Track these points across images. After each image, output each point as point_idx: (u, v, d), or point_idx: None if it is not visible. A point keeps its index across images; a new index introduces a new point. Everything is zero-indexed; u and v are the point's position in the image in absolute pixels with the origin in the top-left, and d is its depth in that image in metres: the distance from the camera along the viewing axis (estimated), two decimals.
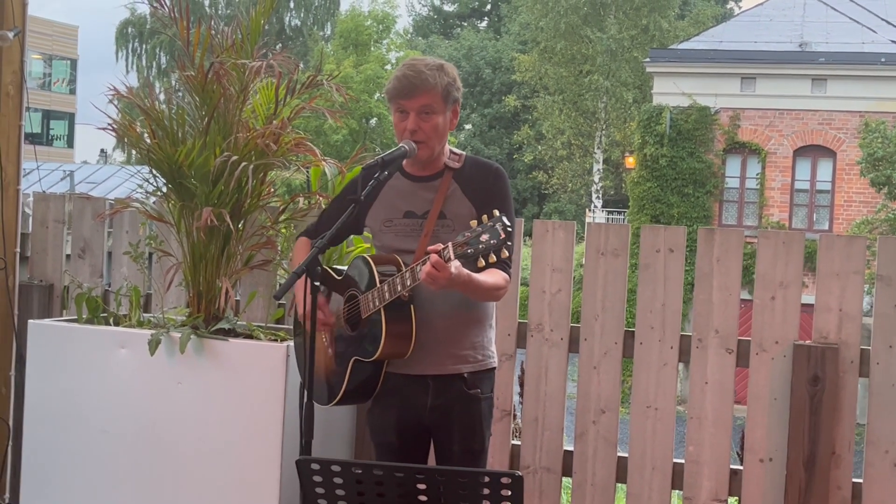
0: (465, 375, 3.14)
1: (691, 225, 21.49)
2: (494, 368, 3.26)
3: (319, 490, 2.47)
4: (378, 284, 3.02)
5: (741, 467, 3.79)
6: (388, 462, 2.98)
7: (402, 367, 3.12)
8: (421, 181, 3.19)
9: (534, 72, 33.34)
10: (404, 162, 3.18)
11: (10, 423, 4.35)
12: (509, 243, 2.73)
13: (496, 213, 2.73)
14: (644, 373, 3.86)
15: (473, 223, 2.75)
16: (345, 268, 3.29)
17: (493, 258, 2.71)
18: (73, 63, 46.83)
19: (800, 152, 21.92)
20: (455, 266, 2.79)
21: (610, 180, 34.61)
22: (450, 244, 2.76)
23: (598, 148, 32.55)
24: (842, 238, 3.72)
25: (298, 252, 3.37)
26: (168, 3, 3.81)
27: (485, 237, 2.70)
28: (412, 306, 3.04)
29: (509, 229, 2.71)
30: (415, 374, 3.12)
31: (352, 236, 3.62)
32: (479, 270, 2.87)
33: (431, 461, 3.31)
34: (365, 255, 3.20)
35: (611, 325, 3.90)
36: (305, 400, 2.89)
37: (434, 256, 2.78)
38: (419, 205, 3.15)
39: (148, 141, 3.70)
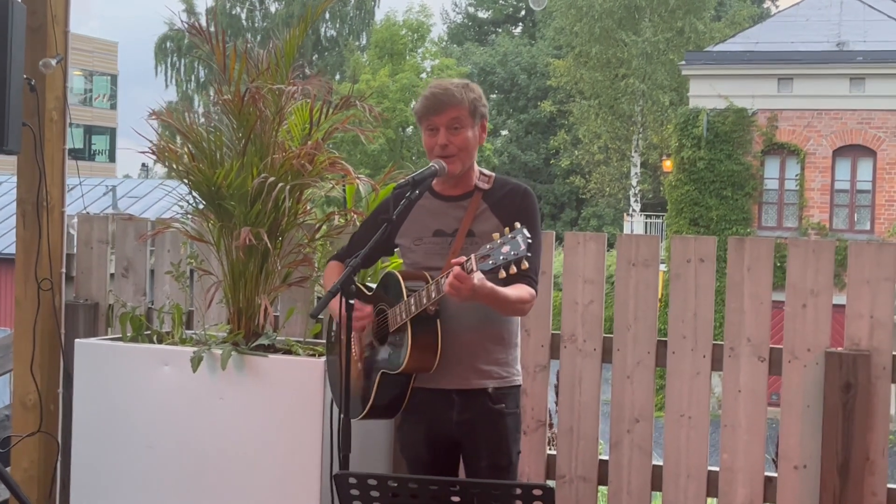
0: (490, 391, 3.20)
1: (730, 227, 21.40)
2: (519, 386, 3.31)
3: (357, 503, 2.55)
4: (405, 298, 3.10)
5: (776, 474, 3.82)
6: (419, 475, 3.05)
7: (428, 381, 3.18)
8: (451, 200, 3.27)
9: (569, 77, 33.31)
10: (434, 182, 3.26)
11: (59, 439, 4.47)
12: (529, 255, 2.79)
13: (517, 225, 2.79)
14: (677, 382, 3.91)
15: (496, 236, 2.82)
16: (375, 284, 3.37)
17: (513, 269, 2.77)
18: (114, 78, 47.46)
19: (839, 152, 21.74)
20: (478, 278, 2.86)
21: (648, 184, 34.48)
22: (472, 256, 2.84)
23: (636, 151, 32.45)
24: (871, 245, 3.75)
25: (329, 276, 3.46)
26: (204, 24, 3.92)
27: (506, 249, 2.77)
28: (439, 320, 3.10)
29: (529, 241, 2.77)
30: (440, 388, 3.19)
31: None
32: (504, 282, 2.93)
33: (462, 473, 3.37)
34: (393, 270, 3.28)
35: (643, 335, 3.94)
36: (342, 415, 2.97)
37: (457, 268, 2.85)
38: (449, 223, 3.23)
39: (186, 160, 3.81)
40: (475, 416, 3.19)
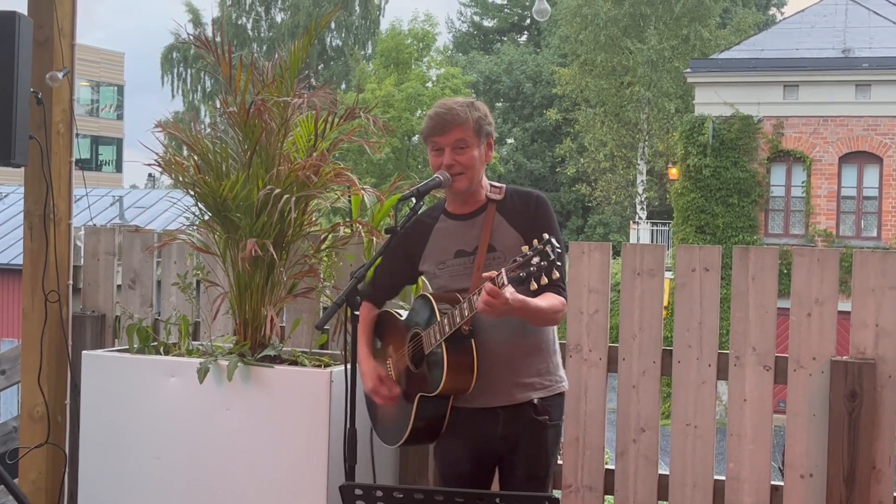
0: (535, 402, 3.19)
1: (737, 235, 21.37)
2: (563, 393, 3.30)
3: None
4: (438, 319, 3.09)
5: (782, 483, 3.81)
6: (433, 487, 3.05)
7: (470, 401, 3.16)
8: (466, 219, 3.26)
9: (574, 85, 33.34)
10: (447, 203, 3.28)
11: (67, 450, 4.48)
12: (559, 264, 2.79)
13: (545, 235, 2.79)
14: (683, 391, 3.91)
15: (525, 248, 2.82)
16: (406, 310, 3.37)
17: (544, 280, 2.77)
18: (120, 89, 47.61)
19: (845, 159, 21.70)
20: (510, 292, 2.86)
21: (654, 191, 34.47)
22: (503, 270, 2.83)
23: (642, 159, 32.45)
24: (876, 254, 3.74)
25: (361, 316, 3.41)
26: (209, 35, 3.94)
27: (535, 260, 2.77)
28: (473, 340, 3.09)
29: (559, 250, 2.77)
30: (484, 407, 3.17)
31: None
32: (534, 294, 2.94)
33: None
34: (426, 293, 3.28)
35: (648, 345, 3.95)
36: (348, 425, 2.98)
37: (489, 285, 2.84)
38: (468, 242, 3.22)
39: (192, 172, 3.83)
40: (519, 429, 3.18)
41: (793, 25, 24.72)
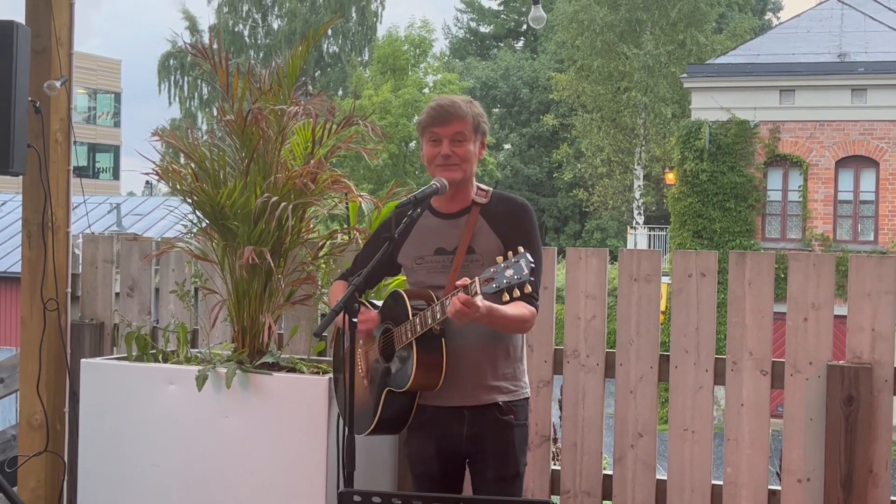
0: (500, 403, 3.23)
1: (734, 239, 21.39)
2: (528, 399, 3.34)
3: None
4: (410, 317, 3.13)
5: (779, 488, 3.82)
6: (426, 492, 3.06)
7: (437, 399, 3.21)
8: (450, 218, 3.30)
9: (571, 90, 33.38)
10: (433, 200, 3.29)
11: (66, 458, 4.49)
12: (532, 279, 2.83)
13: (521, 249, 2.84)
14: (680, 396, 3.92)
15: (500, 259, 2.85)
16: (380, 302, 3.40)
17: (516, 293, 2.81)
18: (117, 96, 47.65)
19: (842, 163, 21.72)
20: (480, 300, 2.90)
21: (651, 196, 34.49)
22: (476, 279, 2.87)
23: (638, 164, 32.48)
24: (872, 259, 3.76)
25: (334, 296, 3.50)
26: (206, 42, 3.95)
27: (509, 272, 2.80)
28: (443, 339, 3.13)
29: (532, 265, 2.81)
30: (450, 405, 3.21)
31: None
32: (504, 304, 2.96)
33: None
34: (399, 289, 3.31)
35: (646, 350, 3.96)
36: (346, 433, 2.99)
37: (462, 294, 2.88)
38: (449, 241, 3.26)
39: (189, 180, 3.84)
40: (484, 429, 3.22)
41: (789, 30, 24.76)
